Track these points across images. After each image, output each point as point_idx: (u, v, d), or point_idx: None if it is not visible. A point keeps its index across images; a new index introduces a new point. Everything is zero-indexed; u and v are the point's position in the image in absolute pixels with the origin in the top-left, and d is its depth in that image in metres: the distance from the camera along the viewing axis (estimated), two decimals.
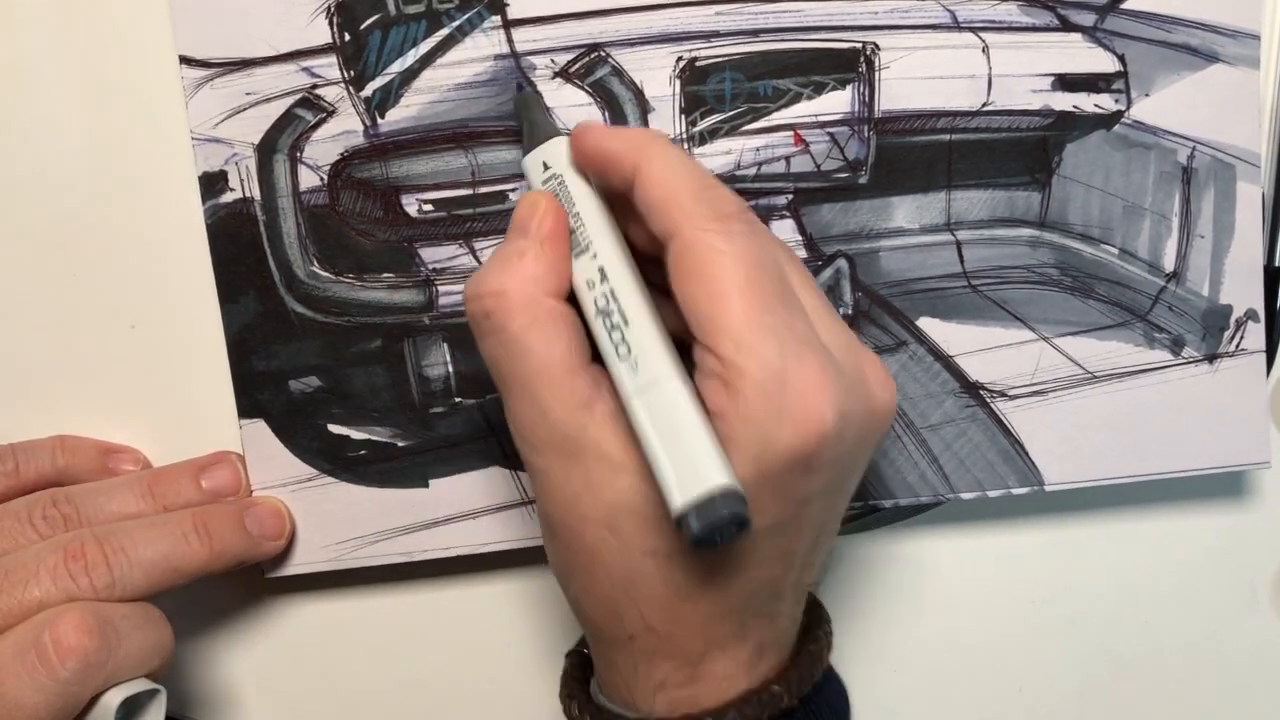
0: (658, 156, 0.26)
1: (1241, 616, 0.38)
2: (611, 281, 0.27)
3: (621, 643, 0.28)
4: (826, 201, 0.34)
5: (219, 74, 0.33)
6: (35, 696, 0.27)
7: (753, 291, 0.25)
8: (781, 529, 0.26)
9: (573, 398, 0.26)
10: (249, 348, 0.34)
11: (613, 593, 0.27)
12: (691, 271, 0.25)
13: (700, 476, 0.24)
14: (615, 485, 0.26)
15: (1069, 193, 0.35)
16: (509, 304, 0.27)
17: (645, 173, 0.26)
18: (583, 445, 0.26)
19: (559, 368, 0.26)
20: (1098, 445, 0.35)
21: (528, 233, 0.28)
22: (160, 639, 0.30)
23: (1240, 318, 0.35)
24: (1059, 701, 0.39)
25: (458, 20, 0.33)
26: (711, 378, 0.25)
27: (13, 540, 0.31)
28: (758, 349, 0.24)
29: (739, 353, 0.24)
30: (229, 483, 0.34)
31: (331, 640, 0.37)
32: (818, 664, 0.29)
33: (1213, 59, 0.34)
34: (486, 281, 0.27)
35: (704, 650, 0.27)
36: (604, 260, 0.27)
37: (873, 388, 0.27)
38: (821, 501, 0.26)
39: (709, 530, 0.24)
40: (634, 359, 0.26)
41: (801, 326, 0.25)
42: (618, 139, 0.27)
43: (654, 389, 0.25)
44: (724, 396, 0.25)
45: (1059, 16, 0.34)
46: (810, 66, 0.33)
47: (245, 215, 0.33)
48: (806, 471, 0.25)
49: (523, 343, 0.27)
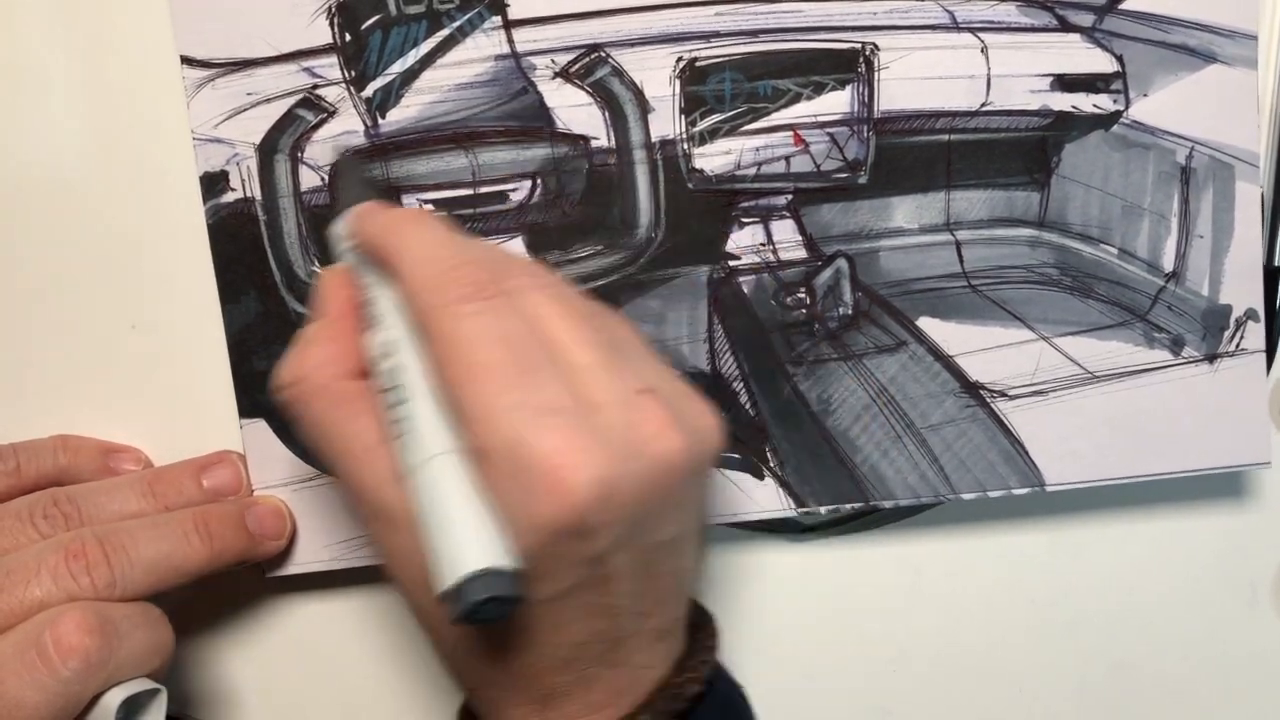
0: (406, 242, 0.27)
1: (1242, 617, 0.38)
2: (396, 356, 0.27)
3: (471, 691, 0.29)
4: (826, 201, 0.34)
5: (220, 74, 0.33)
6: (36, 696, 0.27)
7: (493, 370, 0.25)
8: (581, 589, 0.26)
9: (379, 474, 0.27)
10: (250, 347, 0.34)
11: (447, 648, 0.28)
12: (439, 356, 0.26)
13: (458, 558, 0.24)
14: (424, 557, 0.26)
15: (1068, 193, 0.35)
16: (304, 392, 0.28)
17: (395, 258, 0.27)
18: (395, 517, 0.27)
19: (361, 446, 0.27)
20: (1098, 445, 0.35)
21: (317, 313, 0.29)
22: (161, 639, 0.30)
23: (1240, 317, 0.35)
24: (1059, 702, 0.39)
25: (458, 21, 0.33)
26: (470, 458, 0.25)
27: (13, 539, 0.31)
28: (499, 428, 0.24)
29: (483, 433, 0.25)
30: (230, 482, 0.34)
31: (331, 640, 0.37)
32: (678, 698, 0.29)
33: (1211, 59, 0.34)
34: (282, 373, 0.28)
35: (546, 698, 0.28)
36: (388, 335, 0.27)
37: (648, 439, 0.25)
38: (622, 555, 0.26)
39: (469, 612, 0.24)
40: (409, 436, 0.26)
41: (550, 396, 0.25)
42: (374, 224, 0.28)
43: (424, 467, 0.25)
44: (482, 475, 0.25)
45: (1057, 17, 0.34)
46: (810, 67, 0.34)
47: (246, 215, 0.33)
48: (579, 538, 0.25)
49: (323, 426, 0.28)
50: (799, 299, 0.35)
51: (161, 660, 0.30)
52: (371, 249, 0.28)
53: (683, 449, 0.26)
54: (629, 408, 0.26)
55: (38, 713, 0.27)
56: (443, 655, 0.29)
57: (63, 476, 0.33)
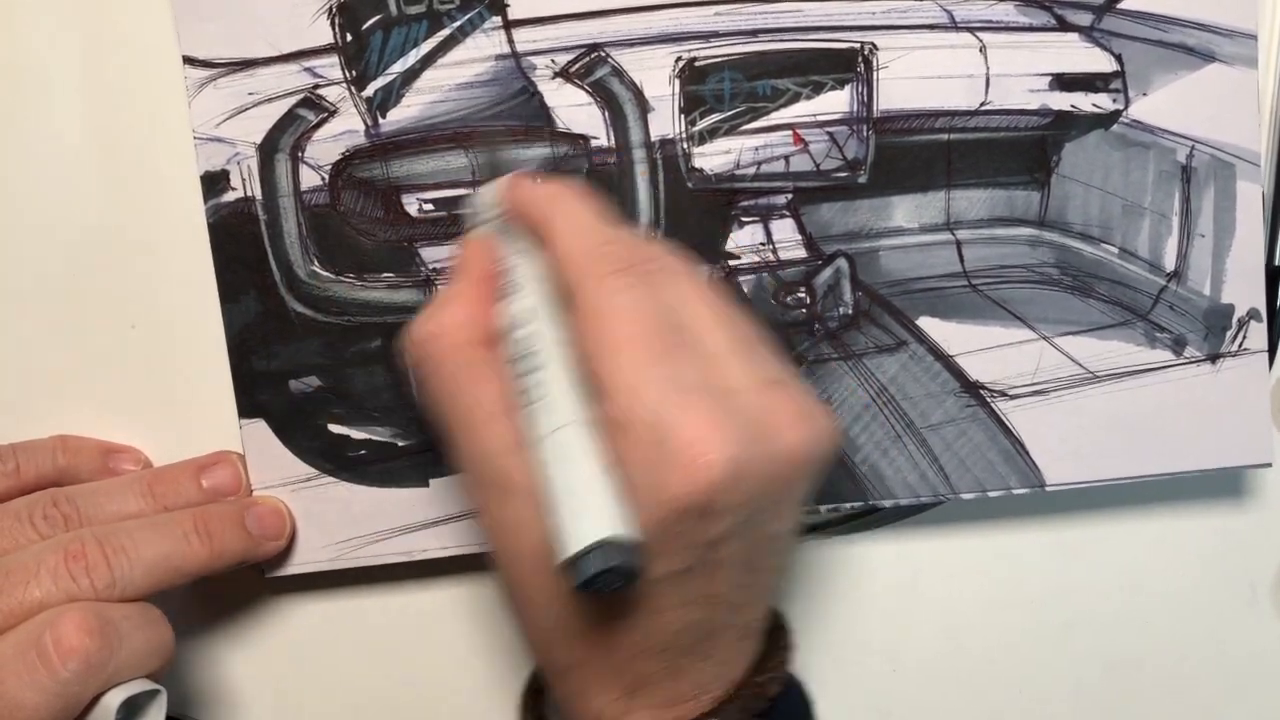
0: (563, 212, 0.28)
1: (1242, 617, 0.38)
2: (533, 324, 0.27)
3: (558, 674, 0.29)
4: (826, 201, 0.34)
5: (221, 74, 0.33)
6: (36, 697, 0.27)
7: (640, 343, 0.25)
8: (691, 573, 0.26)
9: (502, 440, 0.27)
10: (249, 347, 0.34)
11: (544, 626, 0.28)
12: (585, 326, 0.26)
13: (584, 527, 0.25)
14: (540, 527, 0.27)
15: (1068, 192, 0.35)
16: (437, 350, 0.28)
17: (550, 228, 0.27)
18: (513, 486, 0.27)
19: (487, 411, 0.27)
20: (1099, 445, 0.35)
21: (460, 276, 0.29)
22: (161, 639, 0.30)
23: (1242, 317, 0.35)
24: (1058, 701, 0.39)
25: (459, 21, 0.33)
26: (605, 428, 0.26)
27: (13, 540, 0.31)
28: (643, 399, 0.25)
29: (625, 404, 0.25)
30: (229, 482, 0.34)
31: (331, 640, 0.37)
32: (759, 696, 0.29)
33: (1210, 59, 0.34)
34: (417, 329, 0.28)
35: (635, 686, 0.28)
36: (526, 303, 0.28)
37: (781, 429, 0.26)
38: (736, 544, 0.26)
39: (591, 580, 0.24)
40: (540, 403, 0.26)
41: (693, 374, 0.26)
42: (530, 194, 0.28)
43: (554, 435, 0.26)
44: (617, 447, 0.25)
45: (1056, 16, 0.34)
46: (809, 66, 0.34)
47: (246, 215, 0.33)
48: (703, 518, 0.25)
49: (453, 386, 0.28)
50: (799, 298, 0.35)
51: (161, 661, 0.30)
52: (523, 217, 0.28)
53: (811, 442, 0.27)
54: (763, 395, 0.26)
55: (37, 713, 0.27)
56: (536, 634, 0.29)
57: (62, 477, 0.33)
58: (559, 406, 0.26)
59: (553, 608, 0.27)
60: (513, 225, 0.29)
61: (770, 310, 0.34)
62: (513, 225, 0.29)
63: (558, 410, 0.26)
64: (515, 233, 0.29)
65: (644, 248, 0.28)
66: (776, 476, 0.26)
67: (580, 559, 0.24)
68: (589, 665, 0.28)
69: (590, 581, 0.24)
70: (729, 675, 0.29)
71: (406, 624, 0.37)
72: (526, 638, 0.29)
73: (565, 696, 0.29)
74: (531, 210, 0.28)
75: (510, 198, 0.29)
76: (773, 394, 0.27)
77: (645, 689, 0.28)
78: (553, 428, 0.26)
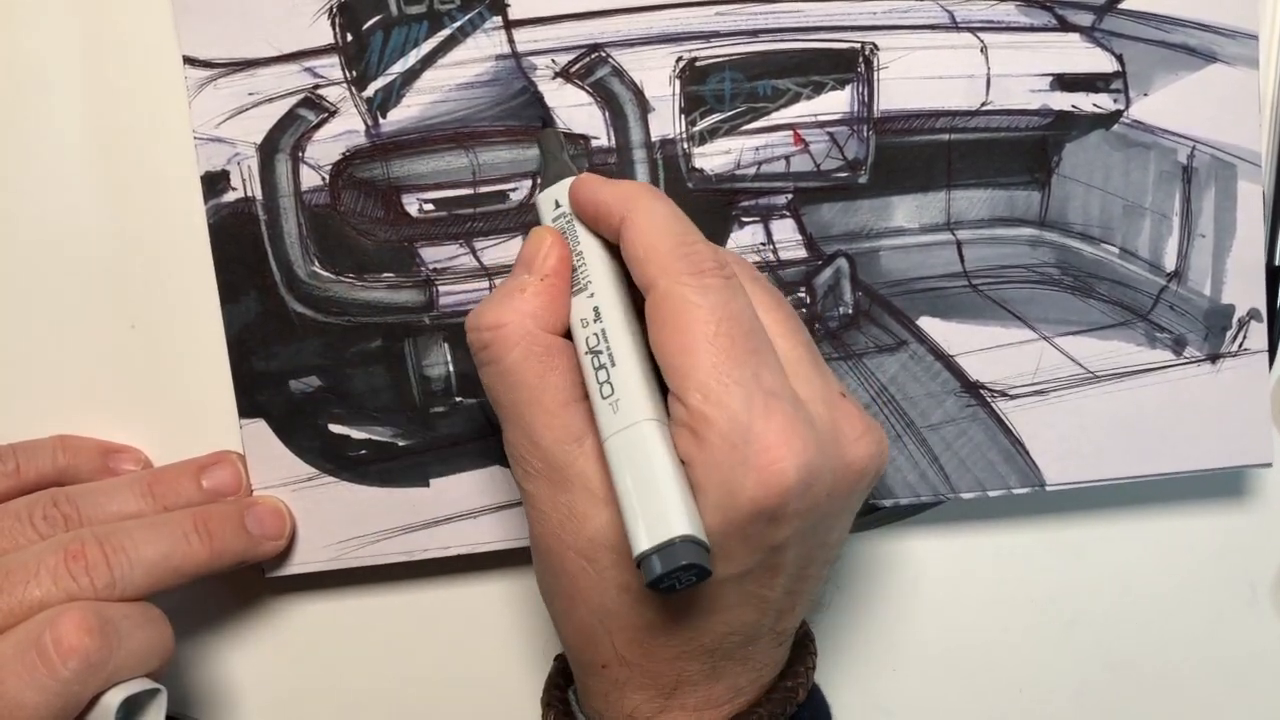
0: (643, 210, 0.27)
1: (1242, 616, 0.38)
2: (604, 321, 0.28)
3: (595, 669, 0.29)
4: (826, 201, 0.34)
5: (222, 74, 0.33)
6: (36, 696, 0.27)
7: (721, 344, 0.25)
8: (751, 575, 0.27)
9: (564, 430, 0.27)
10: (249, 347, 0.34)
11: (589, 620, 0.28)
12: (665, 323, 0.26)
13: (663, 523, 0.25)
14: (596, 519, 0.27)
15: (1069, 192, 0.35)
16: (506, 337, 0.28)
17: (630, 225, 0.27)
18: (570, 477, 0.27)
19: (552, 400, 0.27)
20: (1099, 445, 0.35)
21: (531, 268, 0.29)
22: (161, 639, 0.30)
23: (1243, 317, 0.35)
24: (1059, 702, 0.39)
25: (459, 21, 0.33)
26: (681, 426, 0.26)
27: (13, 540, 0.31)
28: (723, 400, 0.25)
29: (705, 403, 0.25)
30: (229, 482, 0.34)
31: (331, 640, 0.37)
32: (790, 700, 0.29)
33: (1211, 59, 0.34)
34: (486, 315, 0.28)
35: (674, 686, 0.28)
36: (599, 300, 0.28)
37: (847, 441, 0.27)
38: (795, 550, 0.27)
39: (667, 575, 0.24)
40: (615, 400, 0.26)
41: (771, 379, 0.26)
42: (609, 191, 0.28)
43: (630, 431, 0.26)
44: (692, 445, 0.25)
45: (1057, 16, 0.34)
46: (809, 66, 0.34)
47: (247, 215, 0.33)
48: (772, 521, 0.26)
49: (517, 374, 0.28)
50: (799, 298, 0.35)
51: (161, 660, 0.30)
52: (599, 215, 0.28)
53: (875, 455, 0.27)
54: (832, 407, 0.27)
55: (37, 713, 0.27)
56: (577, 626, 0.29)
57: (62, 477, 0.33)
58: (633, 403, 0.26)
59: (603, 599, 0.27)
60: (582, 223, 0.29)
61: None
62: (582, 223, 0.29)
63: (632, 406, 0.26)
64: (582, 231, 0.29)
65: (720, 252, 0.28)
66: (840, 486, 0.27)
67: (656, 555, 0.24)
68: (631, 662, 0.28)
69: (663, 578, 0.24)
70: (761, 680, 0.29)
71: (406, 624, 0.37)
72: (564, 630, 0.29)
73: (598, 692, 0.29)
74: (608, 208, 0.28)
75: (584, 196, 0.29)
76: (842, 406, 0.27)
77: (683, 690, 0.28)
78: (627, 423, 0.26)
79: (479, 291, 0.34)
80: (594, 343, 0.27)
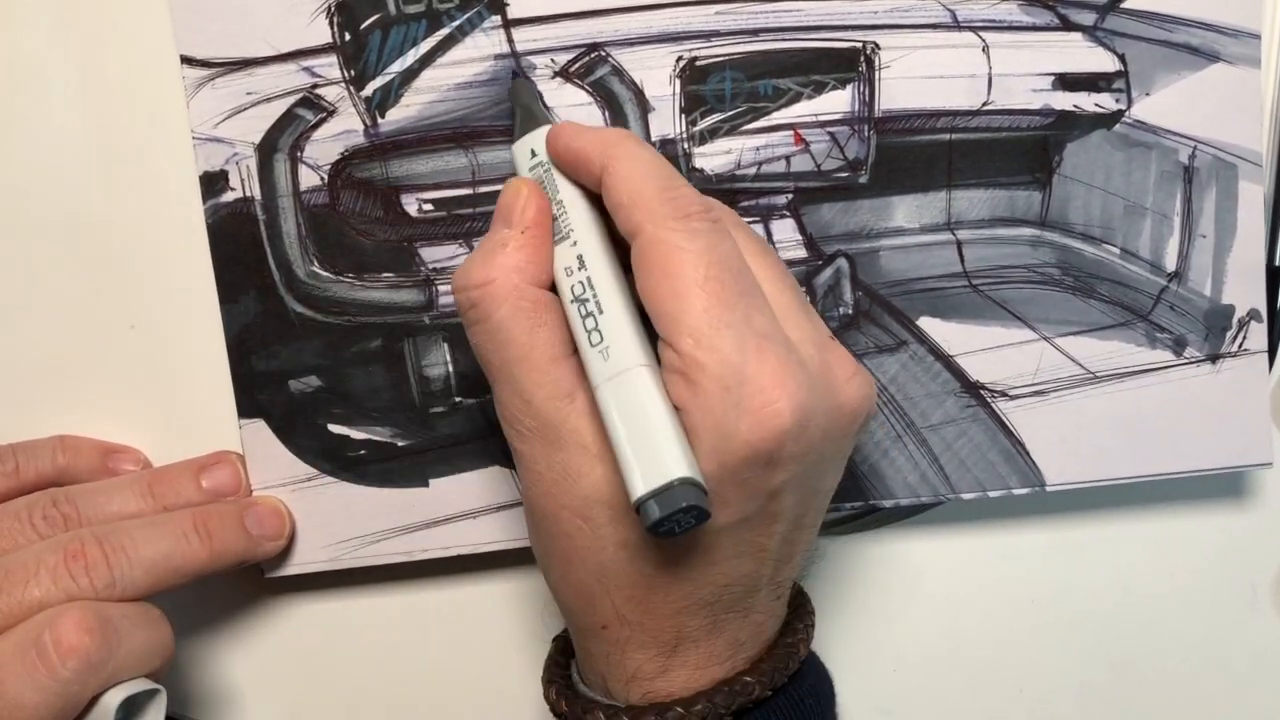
0: (625, 156, 0.27)
1: (1242, 617, 0.38)
2: (589, 269, 0.27)
3: (595, 631, 0.28)
4: (826, 201, 0.34)
5: (220, 74, 0.33)
6: (36, 696, 0.27)
7: (712, 288, 0.25)
8: (748, 523, 0.27)
9: (555, 386, 0.27)
10: (249, 347, 0.34)
11: (587, 580, 0.28)
12: (653, 268, 0.26)
13: (660, 466, 0.24)
14: (591, 475, 0.27)
15: (1070, 192, 0.34)
16: (493, 293, 0.27)
17: (612, 172, 0.27)
18: (563, 434, 0.27)
19: (542, 356, 0.27)
20: (1099, 445, 0.35)
21: (510, 221, 0.28)
22: (160, 639, 0.30)
23: (1243, 317, 0.35)
24: (1059, 702, 0.39)
25: (458, 20, 0.33)
26: (673, 372, 0.26)
27: (12, 540, 0.31)
28: (716, 344, 0.25)
29: (698, 347, 0.25)
30: (229, 482, 0.34)
31: (331, 640, 0.37)
32: (793, 656, 0.29)
33: (1213, 58, 0.34)
34: (471, 273, 0.28)
35: (675, 642, 0.28)
36: (582, 248, 0.28)
37: (839, 383, 0.27)
38: (791, 496, 0.27)
39: (667, 519, 0.24)
40: (605, 347, 0.26)
41: (762, 322, 0.26)
42: (588, 138, 0.28)
43: (621, 378, 0.26)
44: (685, 390, 0.25)
45: (1059, 16, 0.34)
46: (810, 66, 0.33)
47: (246, 215, 0.33)
48: (768, 465, 0.25)
49: (506, 331, 0.27)
50: None
51: (161, 660, 0.30)
52: (576, 162, 0.28)
53: (867, 397, 0.27)
54: (823, 349, 0.27)
55: (37, 713, 0.27)
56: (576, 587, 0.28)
57: (62, 477, 0.33)
58: (623, 350, 0.26)
59: (601, 558, 0.27)
60: (561, 171, 0.29)
61: None
62: (561, 171, 0.29)
63: (622, 354, 0.26)
64: (560, 179, 0.29)
65: (704, 197, 0.27)
66: (834, 429, 0.27)
67: (654, 499, 0.24)
68: (631, 620, 0.28)
69: (663, 521, 0.24)
70: (762, 636, 0.29)
71: (406, 624, 0.37)
72: (562, 593, 0.29)
73: (600, 655, 0.29)
74: (587, 155, 0.28)
75: (561, 144, 0.28)
76: (833, 349, 0.27)
77: (684, 646, 0.28)
78: (618, 370, 0.26)
79: None
80: (579, 291, 0.27)
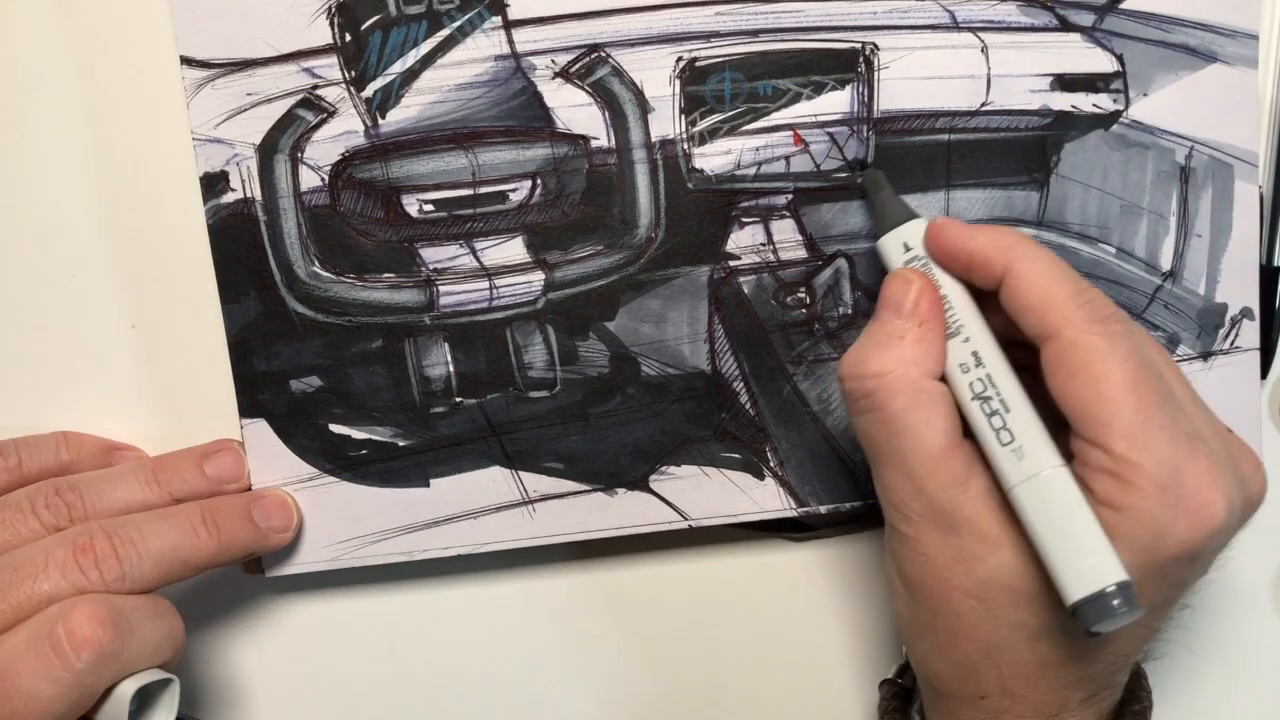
0: (1029, 258, 0.28)
1: (1242, 617, 0.39)
2: (987, 366, 0.28)
3: (973, 700, 0.29)
4: (826, 201, 0.34)
5: (220, 74, 0.33)
6: (50, 689, 0.28)
7: (1142, 390, 0.26)
8: (1153, 611, 0.28)
9: (949, 475, 0.28)
10: (250, 348, 0.34)
11: (973, 656, 0.29)
12: (1076, 372, 0.26)
13: (1096, 571, 0.25)
14: (989, 561, 0.28)
15: (1067, 192, 0.35)
16: (890, 385, 0.28)
17: (1017, 275, 0.28)
18: (958, 521, 0.28)
19: (937, 446, 0.28)
20: None
21: (903, 312, 0.29)
22: (172, 629, 0.31)
23: (1235, 315, 0.35)
24: None
25: (458, 21, 0.33)
26: (1100, 472, 0.26)
27: (14, 531, 0.30)
28: (1152, 446, 0.26)
29: (1132, 449, 0.26)
30: (231, 469, 0.34)
31: (332, 639, 0.37)
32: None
33: (1211, 59, 0.34)
34: (867, 363, 0.29)
35: (1055, 713, 0.29)
36: (977, 345, 0.29)
37: (1248, 476, 0.28)
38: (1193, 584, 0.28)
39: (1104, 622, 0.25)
40: (1017, 446, 0.27)
41: (1186, 423, 0.27)
42: (983, 239, 0.29)
43: (1040, 479, 0.27)
44: (1117, 490, 0.26)
45: (1058, 16, 0.34)
46: (810, 66, 0.33)
47: (246, 215, 0.33)
48: (1191, 561, 0.26)
49: (901, 422, 0.28)
50: (799, 299, 0.35)
51: (173, 650, 0.31)
52: (975, 264, 0.29)
53: (1264, 488, 0.28)
54: (1227, 442, 0.28)
55: (51, 705, 0.28)
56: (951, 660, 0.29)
57: (64, 472, 0.33)
58: (1038, 450, 0.27)
59: (994, 637, 0.28)
60: (944, 267, 0.30)
61: (770, 310, 0.35)
62: (944, 267, 0.30)
63: (1038, 454, 0.27)
64: (941, 274, 0.30)
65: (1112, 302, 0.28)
66: (1245, 520, 0.28)
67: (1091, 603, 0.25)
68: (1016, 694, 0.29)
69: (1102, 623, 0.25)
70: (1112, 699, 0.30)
71: (406, 624, 0.37)
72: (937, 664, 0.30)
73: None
74: (986, 256, 0.28)
75: (949, 243, 0.29)
76: (1231, 441, 0.28)
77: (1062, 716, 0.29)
78: (1035, 471, 0.27)
79: (479, 291, 0.34)
80: (979, 388, 0.28)
